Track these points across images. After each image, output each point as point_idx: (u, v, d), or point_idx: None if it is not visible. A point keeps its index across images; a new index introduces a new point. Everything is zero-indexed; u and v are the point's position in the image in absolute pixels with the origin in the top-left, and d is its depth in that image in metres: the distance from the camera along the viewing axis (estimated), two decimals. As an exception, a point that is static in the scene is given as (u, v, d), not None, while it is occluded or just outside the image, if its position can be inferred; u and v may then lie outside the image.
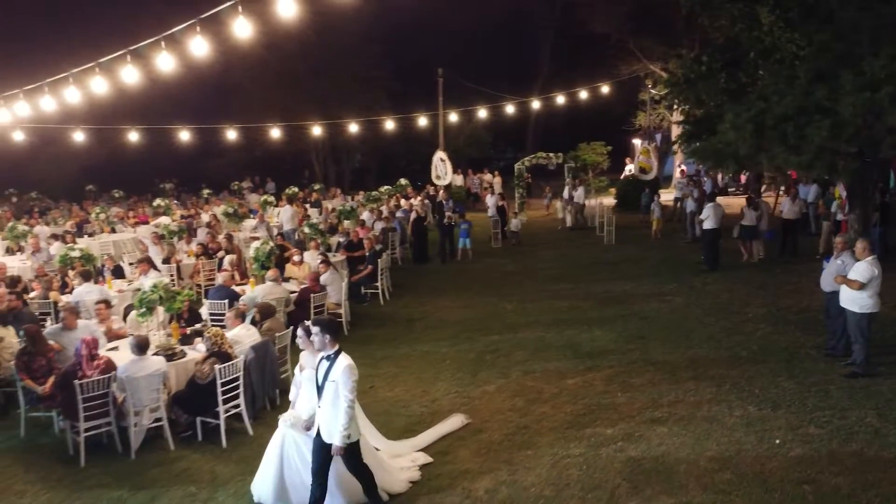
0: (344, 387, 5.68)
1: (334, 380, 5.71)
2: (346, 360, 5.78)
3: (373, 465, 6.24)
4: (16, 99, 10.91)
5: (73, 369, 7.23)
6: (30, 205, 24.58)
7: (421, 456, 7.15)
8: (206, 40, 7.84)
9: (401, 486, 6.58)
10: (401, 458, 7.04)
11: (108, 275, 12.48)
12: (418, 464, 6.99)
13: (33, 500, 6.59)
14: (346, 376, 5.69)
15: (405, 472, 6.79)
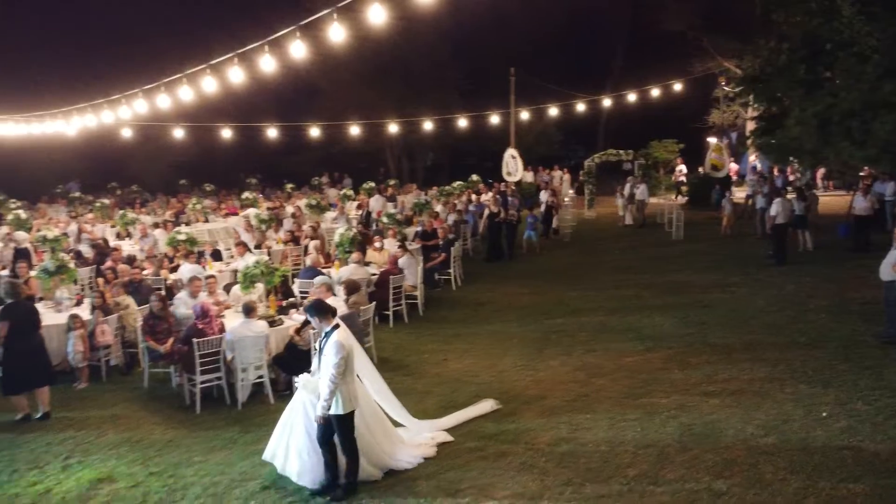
0: (329, 361, 6.09)
1: (325, 354, 6.20)
2: (337, 337, 6.19)
3: (378, 434, 6.77)
4: (133, 99, 12.36)
5: (194, 330, 8.41)
6: (131, 197, 26.66)
7: (442, 434, 7.44)
8: (303, 45, 8.90)
9: (411, 459, 6.88)
10: (419, 436, 7.35)
11: (208, 257, 13.82)
12: (437, 441, 7.28)
13: (161, 436, 7.79)
14: (333, 351, 6.09)
15: (420, 448, 7.10)
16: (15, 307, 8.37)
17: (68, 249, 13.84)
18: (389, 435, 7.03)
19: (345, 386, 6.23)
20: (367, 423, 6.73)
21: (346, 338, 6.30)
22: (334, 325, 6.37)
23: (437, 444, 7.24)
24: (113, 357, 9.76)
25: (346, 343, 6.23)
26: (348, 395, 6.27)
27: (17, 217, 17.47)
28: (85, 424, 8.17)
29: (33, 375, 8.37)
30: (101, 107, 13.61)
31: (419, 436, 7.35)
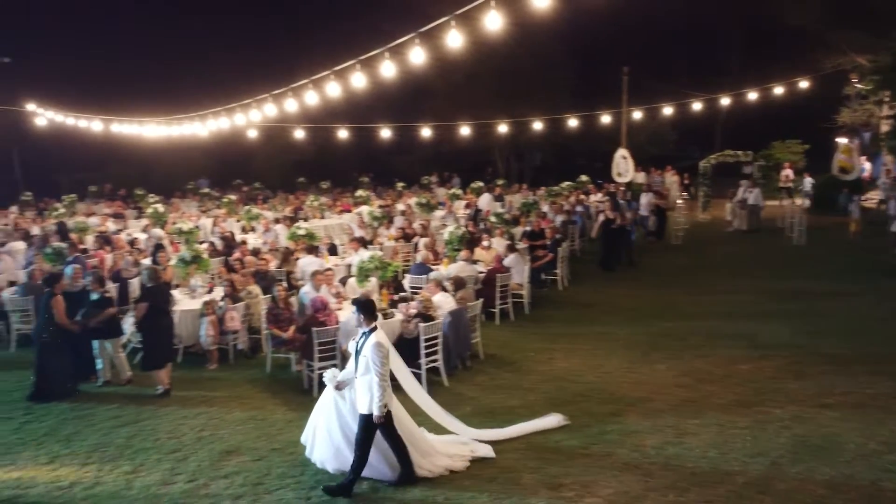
0: (373, 363, 6.24)
1: (365, 355, 6.33)
2: (375, 338, 6.32)
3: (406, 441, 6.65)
4: (263, 104, 13.26)
5: (312, 319, 8.98)
6: (254, 193, 28.31)
7: (484, 448, 7.19)
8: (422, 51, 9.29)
9: (433, 468, 6.73)
10: (454, 446, 7.16)
11: (325, 251, 14.56)
12: (475, 455, 7.07)
13: (283, 416, 8.38)
14: (373, 353, 6.24)
15: (451, 459, 6.91)
16: (154, 290, 9.30)
17: (200, 241, 14.98)
18: (414, 439, 6.86)
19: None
20: (401, 426, 6.74)
21: (385, 339, 6.48)
22: (373, 328, 6.52)
23: (474, 459, 7.02)
24: (240, 342, 10.55)
25: (386, 343, 6.42)
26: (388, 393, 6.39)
27: (156, 211, 19.03)
28: (215, 402, 8.91)
29: (169, 351, 9.35)
30: (234, 110, 14.68)
31: (454, 446, 7.18)
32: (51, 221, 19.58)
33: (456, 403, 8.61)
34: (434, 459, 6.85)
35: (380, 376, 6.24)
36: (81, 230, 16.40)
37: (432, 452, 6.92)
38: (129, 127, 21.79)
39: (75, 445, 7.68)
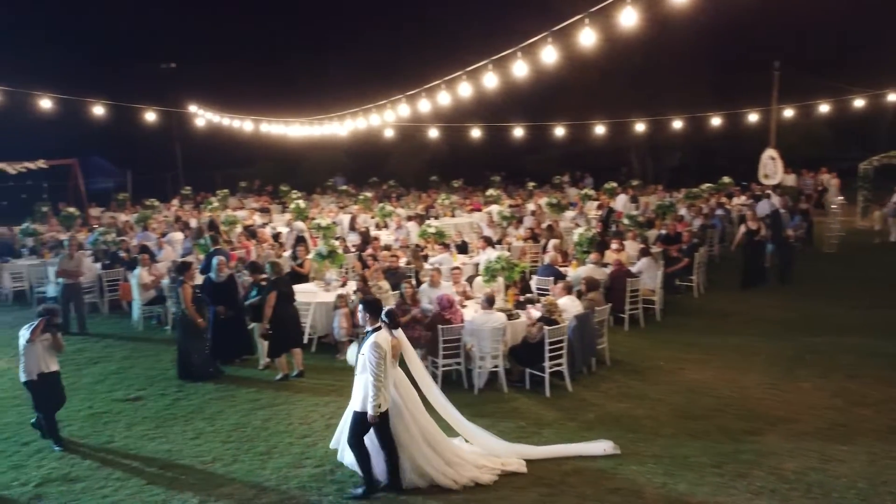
0: (369, 362, 6.21)
1: (363, 353, 6.32)
2: (375, 338, 6.29)
3: (422, 444, 6.53)
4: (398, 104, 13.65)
5: (439, 317, 9.11)
6: (389, 191, 29.21)
7: (516, 463, 6.92)
8: (555, 50, 9.17)
9: (458, 478, 6.53)
10: (484, 458, 6.90)
11: (454, 249, 14.74)
12: (507, 468, 6.82)
13: (407, 411, 8.56)
14: (370, 352, 6.22)
15: (479, 471, 6.69)
16: (279, 281, 9.90)
17: (336, 237, 15.62)
18: (439, 447, 6.71)
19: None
20: (410, 431, 6.61)
21: (385, 340, 6.38)
22: (377, 327, 6.48)
23: (504, 473, 6.78)
24: (369, 335, 10.89)
25: (385, 345, 6.32)
26: (383, 395, 6.32)
27: (298, 206, 20.10)
28: (344, 392, 9.12)
29: (292, 338, 9.89)
30: (371, 111, 15.22)
31: (484, 457, 6.93)
32: (206, 214, 21.21)
33: (579, 409, 8.46)
34: (460, 469, 6.66)
35: (375, 376, 6.20)
36: (231, 223, 17.61)
37: (459, 462, 6.72)
38: (276, 127, 23.18)
39: (218, 424, 8.26)
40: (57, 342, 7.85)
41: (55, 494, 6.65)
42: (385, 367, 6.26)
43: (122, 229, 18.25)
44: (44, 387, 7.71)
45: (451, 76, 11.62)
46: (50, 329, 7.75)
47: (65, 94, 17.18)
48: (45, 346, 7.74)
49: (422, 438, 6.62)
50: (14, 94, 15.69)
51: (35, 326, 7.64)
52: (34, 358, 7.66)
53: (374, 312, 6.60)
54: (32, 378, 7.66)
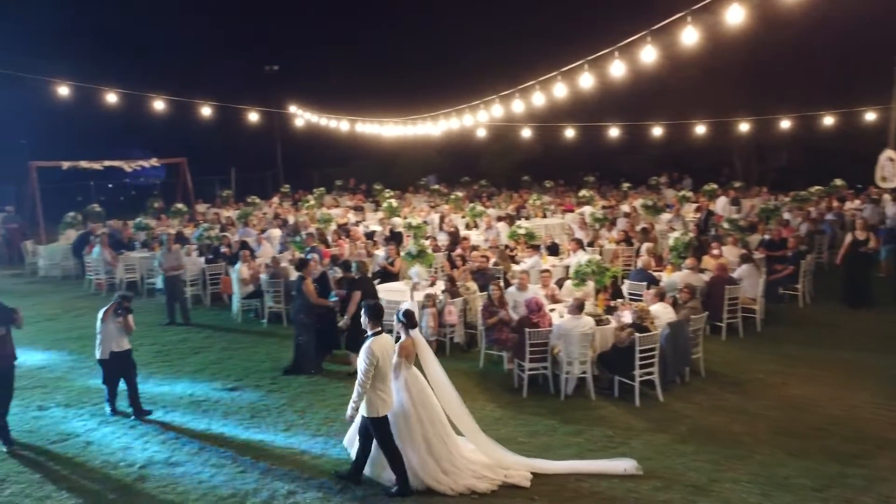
0: (359, 365, 6.30)
1: (359, 357, 6.38)
2: (370, 344, 6.33)
3: (420, 446, 6.52)
4: (491, 105, 13.62)
5: (526, 320, 9.02)
6: (480, 190, 29.23)
7: (520, 476, 6.73)
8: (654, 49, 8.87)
9: (455, 486, 6.49)
10: (486, 468, 6.75)
11: (544, 251, 14.56)
12: (509, 480, 6.67)
13: (492, 413, 8.53)
14: (362, 357, 6.29)
15: (478, 481, 6.58)
16: (363, 280, 10.12)
17: (426, 236, 15.77)
18: (439, 455, 6.65)
19: (373, 392, 6.36)
20: (413, 434, 6.61)
21: (381, 347, 6.37)
22: (376, 332, 6.51)
23: (504, 485, 6.62)
24: (456, 335, 10.94)
25: (378, 349, 6.31)
26: (376, 400, 6.37)
27: (390, 205, 20.43)
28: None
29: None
30: (464, 111, 15.27)
31: (486, 468, 6.78)
32: (303, 212, 21.91)
33: (670, 421, 8.17)
34: (457, 477, 6.60)
35: (359, 380, 6.31)
36: (325, 221, 18.10)
37: (456, 471, 6.64)
38: (370, 127, 23.67)
39: (308, 417, 8.50)
40: (127, 324, 8.52)
41: (157, 477, 7.03)
42: (376, 373, 6.33)
43: (224, 225, 19.13)
44: (115, 364, 8.45)
45: (546, 76, 11.48)
46: (120, 312, 8.43)
47: (176, 97, 18.18)
48: (116, 327, 8.45)
49: (424, 444, 6.62)
50: (130, 96, 16.74)
51: (107, 308, 8.42)
52: (107, 337, 8.39)
53: (373, 317, 6.65)
54: (105, 357, 8.42)
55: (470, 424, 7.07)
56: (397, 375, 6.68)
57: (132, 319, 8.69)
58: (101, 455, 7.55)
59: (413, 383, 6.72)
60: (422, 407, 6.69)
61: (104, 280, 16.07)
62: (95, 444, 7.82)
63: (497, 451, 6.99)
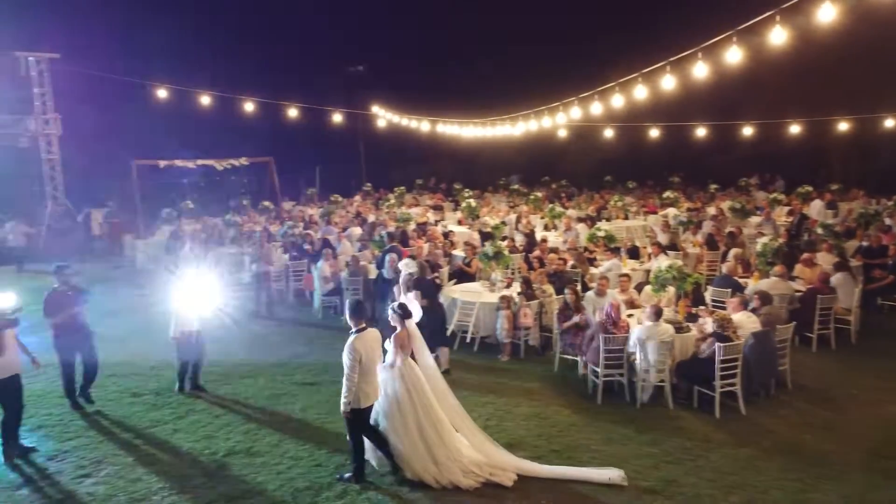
0: (344, 361, 6.53)
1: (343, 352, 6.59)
2: (353, 340, 6.60)
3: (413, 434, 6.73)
4: (570, 106, 13.46)
5: (602, 326, 8.88)
6: (560, 191, 28.90)
7: (505, 476, 6.80)
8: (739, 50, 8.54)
9: (442, 480, 6.67)
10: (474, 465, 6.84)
11: (624, 254, 14.26)
12: (493, 479, 6.75)
13: (565, 419, 8.44)
14: (346, 353, 6.54)
15: (464, 477, 6.72)
16: (423, 281, 10.17)
17: (503, 237, 15.74)
18: (431, 444, 6.82)
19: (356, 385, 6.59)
20: (406, 421, 6.80)
21: (364, 343, 6.64)
22: (360, 328, 6.72)
23: (487, 483, 6.72)
24: (531, 338, 10.88)
25: (360, 346, 6.57)
26: (358, 393, 6.60)
27: (469, 205, 20.50)
28: (504, 393, 9.32)
29: (438, 337, 10.07)
30: (543, 113, 15.15)
31: (474, 465, 6.88)
32: (384, 210, 22.29)
33: (752, 435, 7.86)
34: (444, 470, 6.76)
35: (347, 377, 6.54)
36: (405, 220, 18.35)
37: (447, 463, 6.80)
38: (451, 127, 23.84)
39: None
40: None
41: (238, 466, 7.33)
42: (361, 368, 6.56)
43: (308, 223, 19.70)
44: (186, 343, 9.34)
45: (627, 77, 11.24)
46: None
47: (264, 98, 18.86)
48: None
49: (416, 431, 6.81)
50: (222, 98, 17.50)
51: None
52: (179, 318, 9.26)
53: (354, 314, 6.83)
54: (176, 336, 9.29)
55: (462, 417, 7.30)
56: (392, 365, 6.89)
57: None
58: (187, 442, 7.95)
59: (408, 373, 6.91)
60: (416, 396, 6.88)
61: (195, 274, 16.85)
62: (182, 432, 8.23)
63: (487, 446, 7.16)
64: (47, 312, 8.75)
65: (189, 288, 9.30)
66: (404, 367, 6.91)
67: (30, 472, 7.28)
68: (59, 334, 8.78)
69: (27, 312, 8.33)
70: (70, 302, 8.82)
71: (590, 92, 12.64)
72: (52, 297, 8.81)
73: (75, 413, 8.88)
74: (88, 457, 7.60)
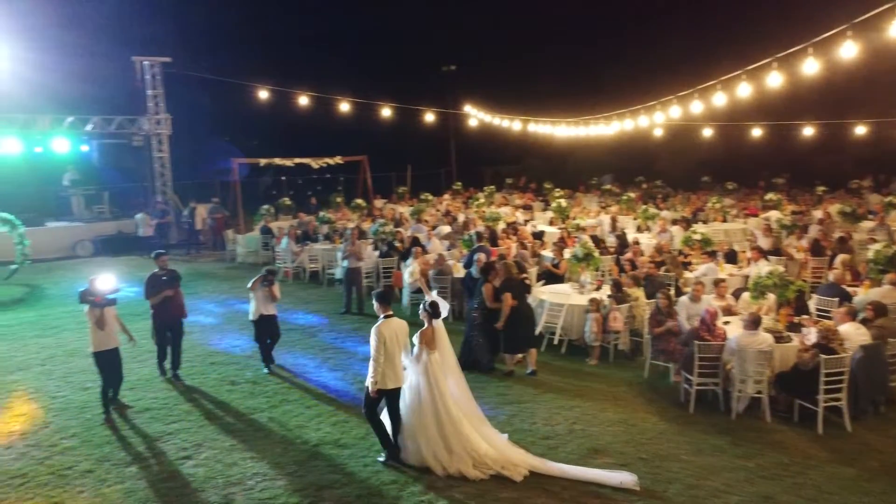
0: (371, 343, 7.06)
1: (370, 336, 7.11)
2: (378, 325, 7.08)
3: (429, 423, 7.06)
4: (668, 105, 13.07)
5: (697, 332, 8.58)
6: (654, 191, 28.08)
7: (514, 470, 6.95)
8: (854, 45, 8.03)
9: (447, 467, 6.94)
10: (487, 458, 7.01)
11: (721, 258, 13.72)
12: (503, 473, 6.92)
13: (654, 427, 8.22)
14: (372, 337, 7.06)
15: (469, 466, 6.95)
16: (512, 282, 10.07)
17: (593, 237, 15.42)
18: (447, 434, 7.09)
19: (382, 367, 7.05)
20: (423, 411, 7.12)
21: (389, 329, 7.07)
22: (387, 315, 7.20)
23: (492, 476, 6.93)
24: (621, 342, 10.64)
25: (385, 331, 7.02)
26: (381, 375, 7.05)
27: (559, 205, 20.27)
28: (591, 397, 9.17)
29: (528, 338, 10.11)
30: (639, 112, 14.78)
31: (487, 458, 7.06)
32: (473, 209, 22.36)
33: (858, 454, 7.40)
34: (455, 460, 7.02)
35: (373, 357, 7.04)
36: (493, 220, 18.33)
37: (460, 453, 7.04)
38: (542, 126, 23.64)
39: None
40: (272, 293, 10.15)
41: (327, 457, 7.55)
42: (385, 351, 7.00)
43: (398, 220, 20.03)
44: (263, 325, 10.22)
45: (730, 75, 10.80)
46: (266, 283, 10.07)
47: (358, 98, 19.33)
48: (263, 294, 10.11)
49: (435, 422, 7.10)
50: (318, 98, 18.06)
51: (255, 279, 10.13)
52: (256, 303, 10.14)
53: (382, 301, 7.39)
54: (255, 318, 10.14)
55: (478, 415, 7.58)
56: (418, 359, 7.25)
57: (277, 290, 10.26)
58: (280, 430, 8.26)
59: (431, 368, 7.23)
60: (437, 390, 7.18)
61: (291, 269, 17.50)
62: (276, 421, 8.56)
63: (501, 442, 7.38)
64: (146, 294, 9.94)
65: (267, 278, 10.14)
66: (429, 361, 7.25)
67: (138, 451, 7.77)
68: (155, 313, 9.96)
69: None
70: (165, 285, 9.95)
71: (690, 90, 12.20)
72: (151, 280, 9.99)
73: (179, 397, 9.42)
74: (190, 440, 8.03)
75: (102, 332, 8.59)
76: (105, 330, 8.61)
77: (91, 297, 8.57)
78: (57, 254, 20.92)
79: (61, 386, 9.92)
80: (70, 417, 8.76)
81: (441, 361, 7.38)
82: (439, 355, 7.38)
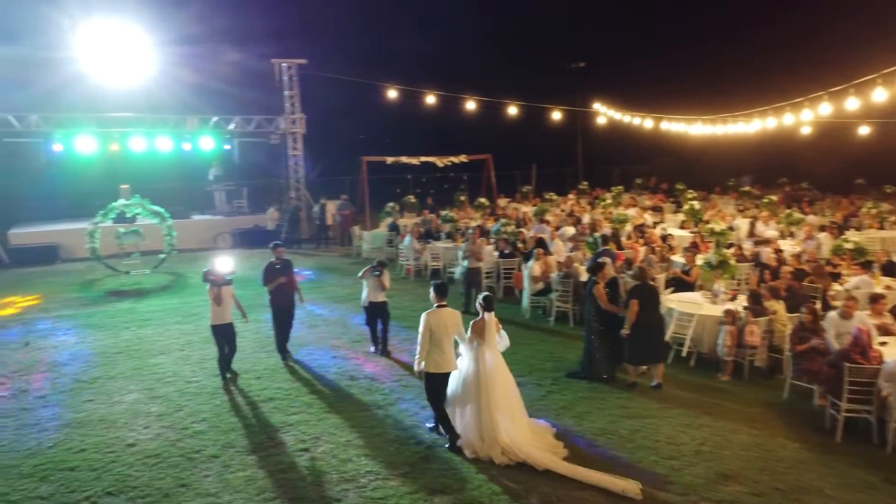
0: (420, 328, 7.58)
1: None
2: (426, 314, 7.60)
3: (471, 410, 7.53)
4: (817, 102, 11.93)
5: (847, 353, 7.73)
6: (799, 194, 25.99)
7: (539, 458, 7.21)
8: None
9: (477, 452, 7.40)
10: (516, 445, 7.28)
11: (877, 270, 12.40)
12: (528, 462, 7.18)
13: (794, 454, 7.48)
14: (421, 322, 7.57)
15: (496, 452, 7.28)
16: (642, 288, 9.47)
17: (729, 244, 14.42)
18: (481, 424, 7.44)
19: (429, 353, 7.57)
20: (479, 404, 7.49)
21: (436, 318, 7.59)
22: (439, 305, 7.75)
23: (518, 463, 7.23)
24: (757, 359, 9.82)
25: (432, 319, 7.55)
26: (430, 360, 7.58)
27: (692, 207, 19.19)
28: (721, 417, 8.51)
29: (656, 350, 9.55)
30: (783, 109, 13.65)
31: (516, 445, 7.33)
32: (598, 210, 21.68)
33: None
34: (486, 446, 7.39)
35: (419, 343, 7.60)
36: (621, 221, 17.63)
37: (488, 441, 7.38)
38: (676, 124, 22.52)
39: (585, 425, 8.31)
40: (381, 283, 10.82)
41: (440, 459, 7.46)
42: (430, 337, 7.51)
43: (521, 220, 19.76)
44: (373, 311, 10.99)
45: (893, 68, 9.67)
46: (376, 273, 10.79)
47: (484, 97, 19.22)
48: (373, 283, 10.84)
49: (473, 409, 7.52)
50: (445, 97, 18.12)
51: (365, 269, 10.98)
52: (366, 291, 10.96)
53: (438, 292, 7.88)
54: (366, 304, 11.00)
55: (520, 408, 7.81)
56: (470, 347, 7.68)
57: (387, 279, 10.92)
58: (394, 429, 8.27)
59: (481, 359, 7.59)
60: (482, 378, 7.51)
61: (412, 266, 17.70)
62: (391, 419, 8.59)
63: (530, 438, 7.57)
64: (263, 281, 10.82)
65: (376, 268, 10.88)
66: (479, 351, 7.62)
67: (260, 440, 8.04)
68: (272, 298, 10.86)
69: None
70: (280, 273, 10.79)
71: (844, 85, 11.08)
72: (268, 268, 10.86)
73: (302, 388, 9.69)
74: (308, 432, 8.21)
75: (219, 308, 9.68)
76: (221, 306, 9.68)
77: (211, 277, 9.75)
78: (200, 245, 22.44)
79: (196, 371, 10.51)
80: (202, 402, 9.24)
81: (490, 352, 7.68)
82: (487, 347, 7.67)
